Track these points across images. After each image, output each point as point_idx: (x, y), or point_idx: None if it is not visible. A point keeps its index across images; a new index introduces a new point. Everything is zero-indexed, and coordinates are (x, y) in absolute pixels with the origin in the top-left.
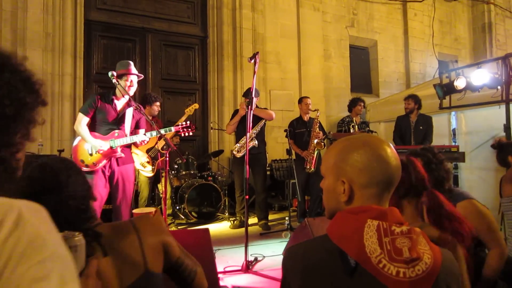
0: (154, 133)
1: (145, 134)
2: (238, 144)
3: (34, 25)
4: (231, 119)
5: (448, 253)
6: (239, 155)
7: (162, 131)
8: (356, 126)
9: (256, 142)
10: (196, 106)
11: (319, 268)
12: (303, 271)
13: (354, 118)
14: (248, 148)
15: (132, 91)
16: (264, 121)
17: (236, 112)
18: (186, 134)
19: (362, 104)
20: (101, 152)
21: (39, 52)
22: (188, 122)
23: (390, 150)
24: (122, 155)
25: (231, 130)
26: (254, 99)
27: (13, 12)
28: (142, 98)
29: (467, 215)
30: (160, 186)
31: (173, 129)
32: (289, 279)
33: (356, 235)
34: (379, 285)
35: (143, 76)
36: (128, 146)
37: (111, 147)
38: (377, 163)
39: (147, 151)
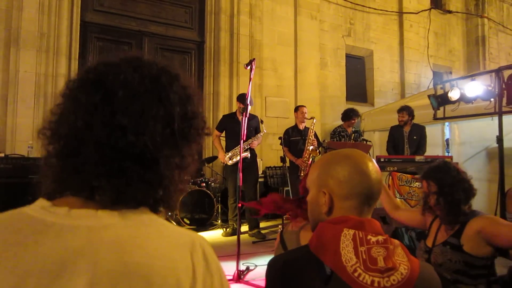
0: None
1: None
2: (230, 152)
3: (29, 25)
4: (219, 124)
5: (428, 267)
6: (230, 162)
7: None
8: (347, 138)
9: (249, 154)
10: None
11: (297, 277)
12: (282, 280)
13: (346, 128)
14: (238, 156)
15: None
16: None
17: (227, 117)
18: None
19: (356, 118)
20: None
21: (33, 53)
22: None
23: (372, 164)
24: None
25: (213, 139)
26: (249, 107)
27: (7, 10)
28: None
29: (484, 225)
30: None
31: None
32: None
33: (333, 244)
34: None
35: None
36: None
37: None
38: (358, 176)
39: None
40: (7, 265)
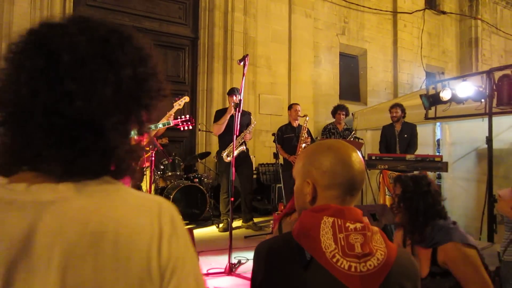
0: (152, 126)
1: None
2: (226, 150)
3: (21, 20)
4: (216, 119)
5: (406, 253)
6: (229, 159)
7: (160, 125)
8: (338, 135)
9: (245, 146)
10: (186, 99)
11: (279, 262)
12: (266, 265)
13: (337, 125)
14: (235, 151)
15: None
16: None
17: (222, 111)
18: (186, 128)
19: (342, 113)
20: None
21: None
22: (187, 116)
23: (355, 155)
24: None
25: (220, 131)
26: (236, 98)
27: None
28: None
29: (452, 258)
30: (144, 186)
31: (171, 122)
32: (255, 273)
33: (313, 231)
34: (332, 278)
35: None
36: None
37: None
38: (340, 166)
39: None
40: None
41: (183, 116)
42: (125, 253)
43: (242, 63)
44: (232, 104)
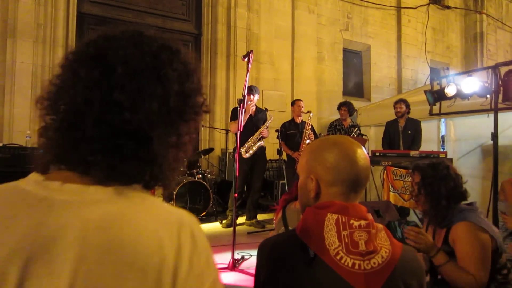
0: None
1: None
2: (246, 144)
3: (25, 16)
4: (232, 117)
5: (411, 251)
6: (247, 156)
7: None
8: (343, 131)
9: (263, 142)
10: None
11: (283, 259)
12: (270, 262)
13: (343, 122)
14: (254, 147)
15: None
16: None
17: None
18: None
19: (344, 108)
20: None
21: (29, 43)
22: None
23: (360, 151)
24: None
25: (236, 129)
26: (247, 97)
27: (3, 1)
28: None
29: (460, 235)
30: None
31: None
32: (259, 270)
33: (317, 228)
34: (336, 276)
35: None
36: None
37: None
38: (344, 163)
39: None
40: None
41: None
42: (141, 264)
43: (246, 59)
44: (238, 100)
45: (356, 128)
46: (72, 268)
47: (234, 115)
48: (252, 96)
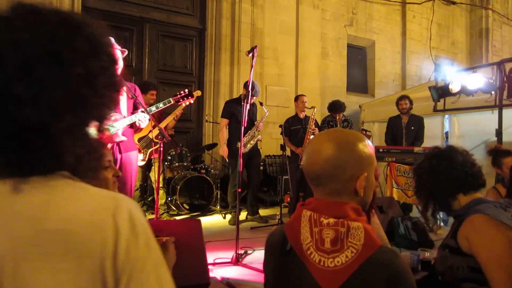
0: (153, 108)
1: (142, 112)
2: (244, 139)
3: None
4: (223, 112)
5: (388, 253)
6: (244, 150)
7: (161, 104)
8: (336, 127)
9: (260, 136)
10: (198, 93)
11: (271, 248)
12: (265, 249)
13: (336, 116)
14: (252, 142)
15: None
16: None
17: (231, 102)
18: (187, 103)
19: (333, 109)
20: None
21: None
22: (186, 90)
23: (326, 146)
24: (125, 138)
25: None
26: (253, 97)
27: None
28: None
29: (477, 228)
30: (152, 176)
31: (172, 100)
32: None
33: (296, 223)
34: (306, 270)
35: (126, 51)
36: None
37: (110, 132)
38: (306, 158)
39: (139, 140)
40: None
41: (181, 92)
42: (74, 253)
43: (250, 55)
44: (242, 95)
45: (347, 123)
46: None
47: (225, 109)
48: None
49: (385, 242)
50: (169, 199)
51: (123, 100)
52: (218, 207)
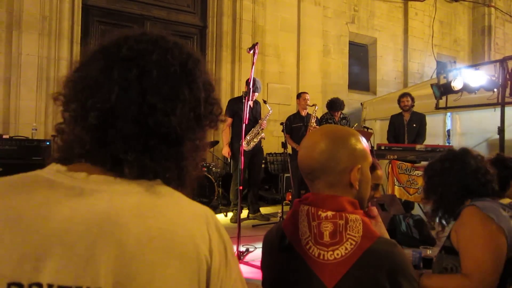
0: None
1: None
2: (247, 137)
3: (31, 8)
4: (227, 111)
5: (387, 244)
6: (248, 148)
7: None
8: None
9: (263, 134)
10: None
11: (268, 244)
12: (263, 246)
13: (335, 114)
14: (256, 139)
15: None
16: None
17: (234, 100)
18: None
19: (332, 107)
20: None
21: (35, 36)
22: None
23: (320, 140)
24: None
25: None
26: (252, 95)
27: None
28: None
29: (463, 221)
30: None
31: None
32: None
33: (293, 219)
34: (305, 264)
35: None
36: None
37: None
38: (301, 153)
39: None
40: (32, 225)
41: None
42: (178, 252)
43: (252, 52)
44: (243, 93)
45: (345, 121)
46: (113, 254)
47: (229, 108)
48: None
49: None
50: None
51: None
52: (220, 204)
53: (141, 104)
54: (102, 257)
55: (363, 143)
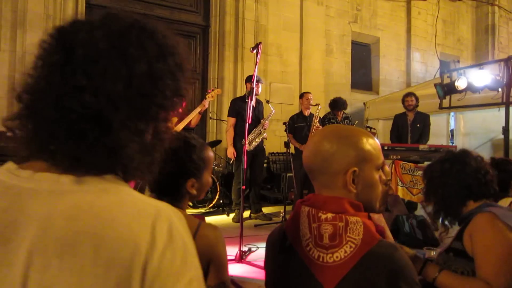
0: None
1: None
2: (249, 137)
3: (35, 7)
4: (230, 111)
5: (388, 247)
6: (250, 147)
7: None
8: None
9: (265, 134)
10: (218, 91)
11: (271, 245)
12: (266, 246)
13: (337, 114)
14: (257, 139)
15: None
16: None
17: (238, 100)
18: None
19: (335, 107)
20: None
21: (39, 35)
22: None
23: (319, 140)
24: None
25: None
26: (255, 88)
27: None
28: None
29: (479, 227)
30: None
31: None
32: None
33: (296, 220)
34: (305, 266)
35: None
36: None
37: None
38: (303, 153)
39: None
40: None
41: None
42: (105, 259)
43: (255, 51)
44: (246, 92)
45: (348, 120)
46: (27, 260)
47: (231, 108)
48: (260, 89)
49: (391, 241)
50: None
51: None
52: (222, 204)
53: (67, 86)
54: (18, 261)
55: (367, 144)
